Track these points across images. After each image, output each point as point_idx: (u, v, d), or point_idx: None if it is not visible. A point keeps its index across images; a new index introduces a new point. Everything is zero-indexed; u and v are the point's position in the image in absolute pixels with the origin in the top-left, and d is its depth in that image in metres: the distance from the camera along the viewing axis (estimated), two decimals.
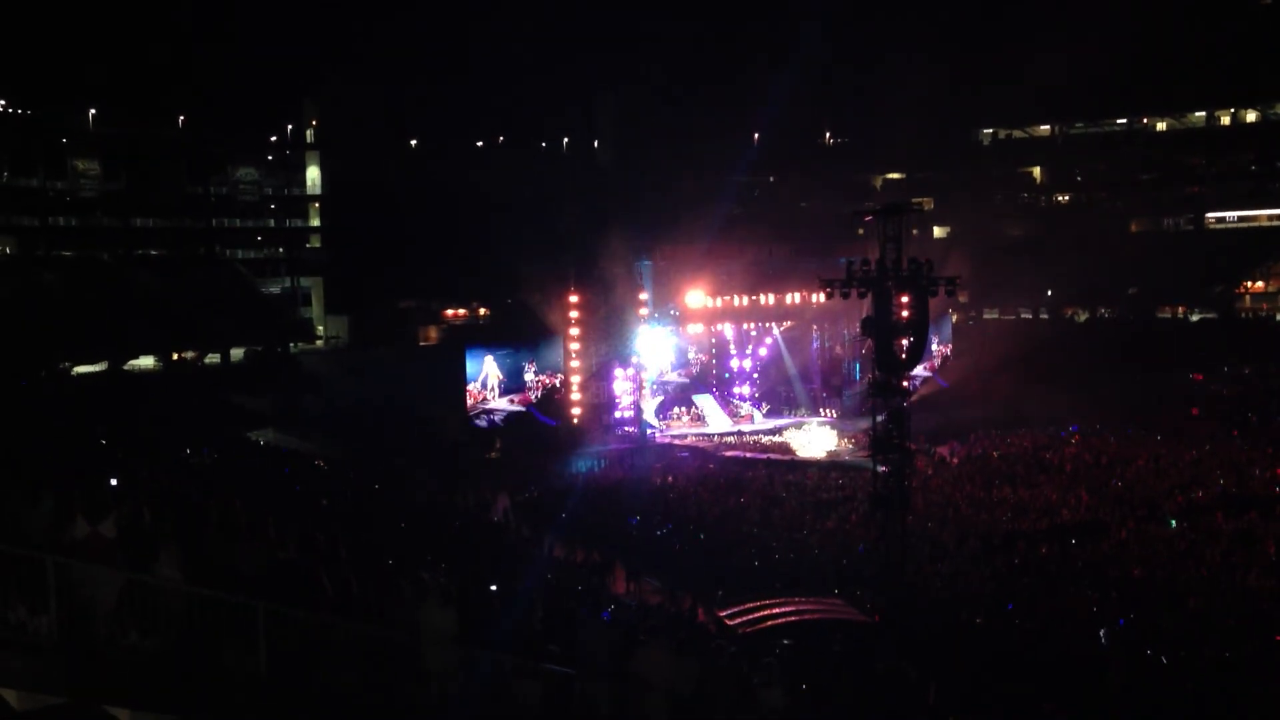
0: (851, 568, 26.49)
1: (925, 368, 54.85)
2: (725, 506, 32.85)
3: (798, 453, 44.78)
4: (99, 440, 26.47)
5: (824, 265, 40.15)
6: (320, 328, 56.70)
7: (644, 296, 49.86)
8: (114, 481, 15.62)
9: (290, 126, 58.91)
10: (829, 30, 60.57)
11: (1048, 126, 72.82)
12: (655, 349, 51.58)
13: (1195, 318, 60.96)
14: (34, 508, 9.48)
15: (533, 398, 49.68)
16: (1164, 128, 69.56)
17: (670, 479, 37.76)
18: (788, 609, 21.60)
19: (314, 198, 60.29)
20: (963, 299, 55.55)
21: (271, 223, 59.51)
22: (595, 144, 70.63)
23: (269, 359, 49.00)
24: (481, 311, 58.45)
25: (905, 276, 28.22)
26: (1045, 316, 64.48)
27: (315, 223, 60.70)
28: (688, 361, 54.85)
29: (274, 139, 58.49)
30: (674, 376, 54.03)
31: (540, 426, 47.75)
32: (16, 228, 49.40)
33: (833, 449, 45.23)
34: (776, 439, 47.77)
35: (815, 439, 46.19)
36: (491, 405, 48.35)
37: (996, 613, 22.40)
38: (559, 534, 29.81)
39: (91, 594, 8.75)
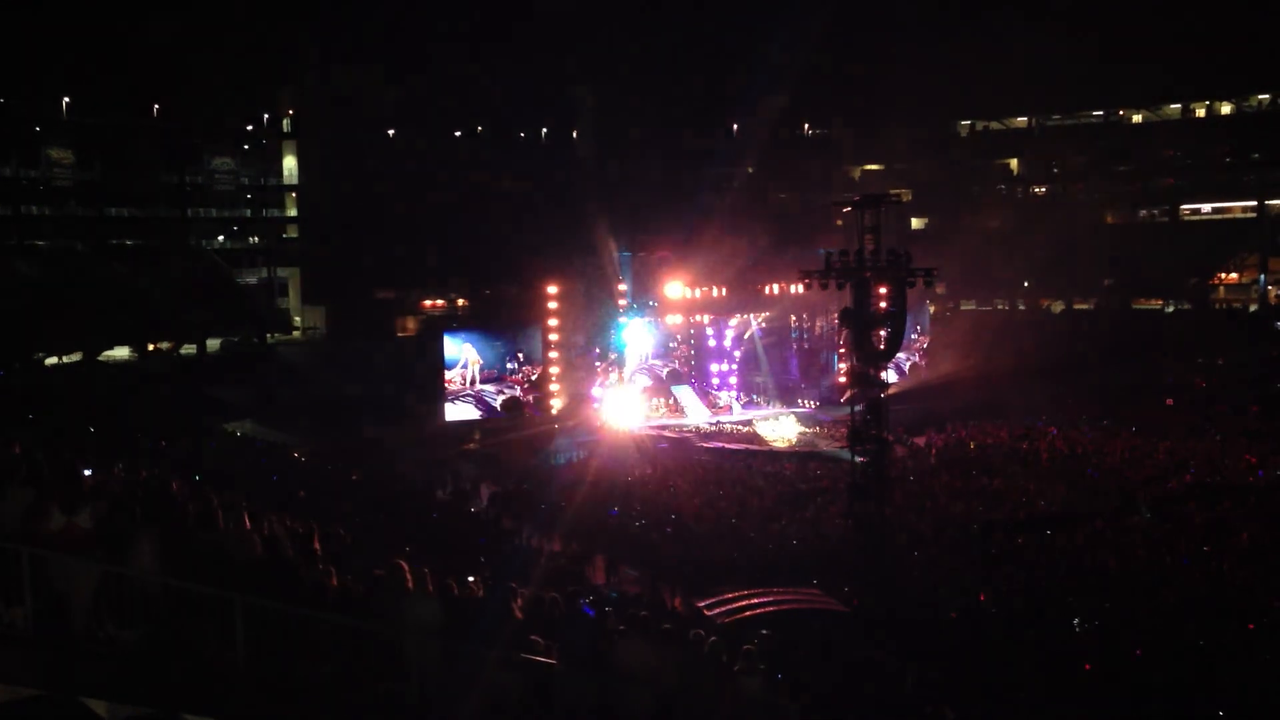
0: (830, 557, 26.61)
1: (912, 350, 55.15)
2: (704, 497, 32.89)
3: (774, 443, 44.90)
4: (74, 431, 26.24)
5: (803, 256, 40.35)
6: (297, 318, 56.44)
7: (623, 287, 49.78)
8: (89, 473, 15.46)
9: (267, 116, 58.50)
10: (808, 23, 60.56)
11: (1024, 118, 73.15)
12: (634, 340, 51.54)
13: (1170, 309, 61.46)
14: (8, 499, 9.38)
15: (524, 382, 49.28)
16: (1139, 120, 70.03)
17: (649, 470, 37.78)
18: (766, 599, 21.67)
19: (291, 187, 59.92)
20: (940, 290, 55.82)
21: (248, 213, 59.14)
22: (574, 135, 70.43)
23: (246, 350, 48.73)
24: (460, 302, 58.23)
25: (884, 267, 28.40)
26: (1022, 307, 64.97)
27: (292, 213, 60.35)
28: (667, 351, 54.87)
29: (250, 128, 58.07)
30: (657, 363, 54.02)
31: (520, 417, 47.60)
32: None
33: (809, 439, 45.39)
34: (753, 429, 47.85)
35: (792, 429, 46.36)
36: (479, 388, 47.89)
37: (973, 602, 22.55)
38: (539, 525, 29.74)
39: (67, 586, 8.68)
